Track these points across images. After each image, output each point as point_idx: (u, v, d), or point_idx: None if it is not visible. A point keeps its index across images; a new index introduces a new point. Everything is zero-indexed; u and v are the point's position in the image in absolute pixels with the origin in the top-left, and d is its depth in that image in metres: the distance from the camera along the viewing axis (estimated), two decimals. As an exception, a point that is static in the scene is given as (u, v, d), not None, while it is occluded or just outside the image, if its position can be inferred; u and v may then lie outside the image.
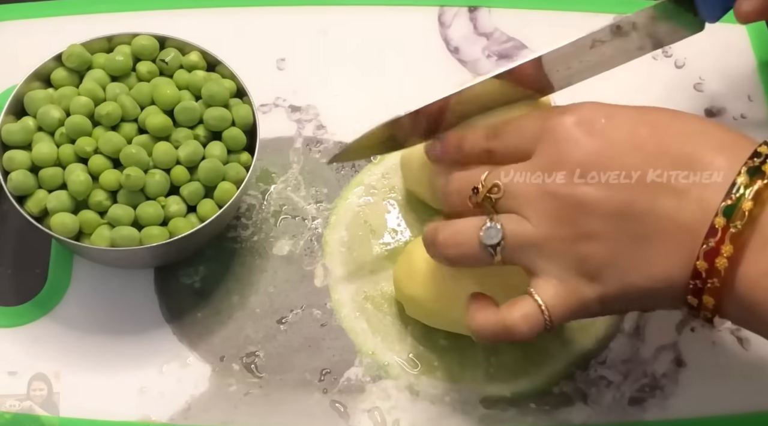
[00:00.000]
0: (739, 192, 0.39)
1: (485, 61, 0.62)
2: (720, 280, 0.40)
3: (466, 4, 0.63)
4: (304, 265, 0.55)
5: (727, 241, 0.39)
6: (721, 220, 0.39)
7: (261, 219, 0.56)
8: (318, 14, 0.63)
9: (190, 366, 0.52)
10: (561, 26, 0.63)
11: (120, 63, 0.53)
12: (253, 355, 0.53)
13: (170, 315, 0.54)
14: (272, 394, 0.52)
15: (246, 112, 0.53)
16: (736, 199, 0.39)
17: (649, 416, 0.52)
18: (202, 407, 0.51)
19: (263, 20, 0.62)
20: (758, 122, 0.60)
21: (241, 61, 0.54)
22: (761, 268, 0.39)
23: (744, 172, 0.40)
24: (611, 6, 0.63)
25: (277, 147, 0.58)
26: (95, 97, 0.51)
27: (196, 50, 0.54)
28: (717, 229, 0.39)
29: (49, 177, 0.50)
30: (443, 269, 0.48)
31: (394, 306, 0.54)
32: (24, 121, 0.51)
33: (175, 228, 0.50)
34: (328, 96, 0.58)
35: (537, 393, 0.51)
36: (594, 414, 0.52)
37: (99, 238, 0.49)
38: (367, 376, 0.52)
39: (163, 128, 0.51)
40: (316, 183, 0.57)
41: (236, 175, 0.52)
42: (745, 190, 0.39)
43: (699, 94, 0.61)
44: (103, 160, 0.50)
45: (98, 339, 0.53)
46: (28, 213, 0.50)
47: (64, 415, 0.51)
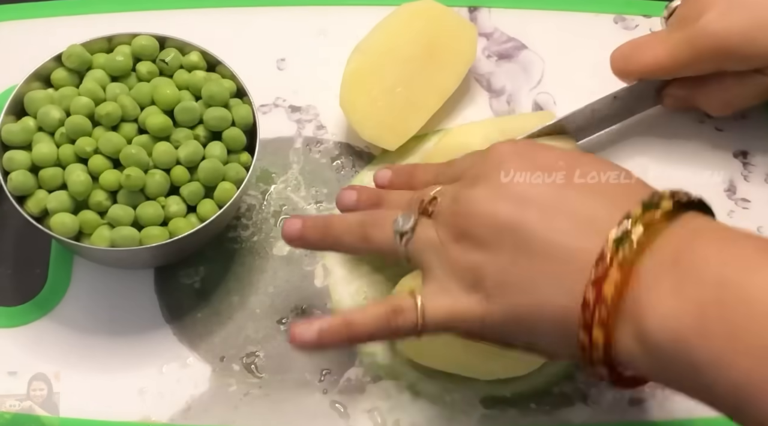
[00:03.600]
0: (629, 221, 0.39)
1: (485, 61, 0.62)
2: (607, 308, 0.39)
3: (466, 4, 0.63)
4: (304, 266, 0.55)
5: (615, 266, 0.39)
6: (611, 246, 0.39)
7: (261, 219, 0.56)
8: (318, 14, 0.63)
9: (190, 366, 0.52)
10: (561, 26, 0.63)
11: (120, 63, 0.53)
12: (253, 355, 0.53)
13: (170, 315, 0.54)
14: (272, 395, 0.52)
15: (246, 112, 0.53)
16: (627, 230, 0.39)
17: (649, 416, 0.52)
18: (202, 407, 0.51)
19: (263, 20, 0.62)
20: (758, 122, 0.60)
21: (241, 61, 0.54)
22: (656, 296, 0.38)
23: (638, 204, 0.40)
24: (611, 6, 0.63)
25: (277, 147, 0.58)
26: (95, 98, 0.51)
27: (196, 50, 0.54)
28: (605, 254, 0.39)
29: (49, 177, 0.50)
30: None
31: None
32: (24, 122, 0.51)
33: (175, 228, 0.50)
34: (328, 96, 0.58)
35: (537, 393, 0.51)
36: (594, 414, 0.52)
37: (99, 239, 0.49)
38: (367, 377, 0.52)
39: (163, 128, 0.51)
40: (316, 183, 0.57)
41: (236, 175, 0.52)
42: (637, 221, 0.39)
43: (699, 94, 0.61)
44: (103, 160, 0.50)
45: (98, 339, 0.53)
46: (28, 213, 0.50)
47: (64, 415, 0.51)
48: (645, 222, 0.39)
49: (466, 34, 0.59)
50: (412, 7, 0.58)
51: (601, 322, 0.39)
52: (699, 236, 0.39)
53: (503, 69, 0.61)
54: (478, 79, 0.61)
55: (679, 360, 0.38)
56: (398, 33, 0.58)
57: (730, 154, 0.59)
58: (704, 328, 0.37)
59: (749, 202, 0.58)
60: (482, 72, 0.61)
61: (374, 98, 0.56)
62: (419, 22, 0.58)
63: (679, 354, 0.37)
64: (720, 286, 0.37)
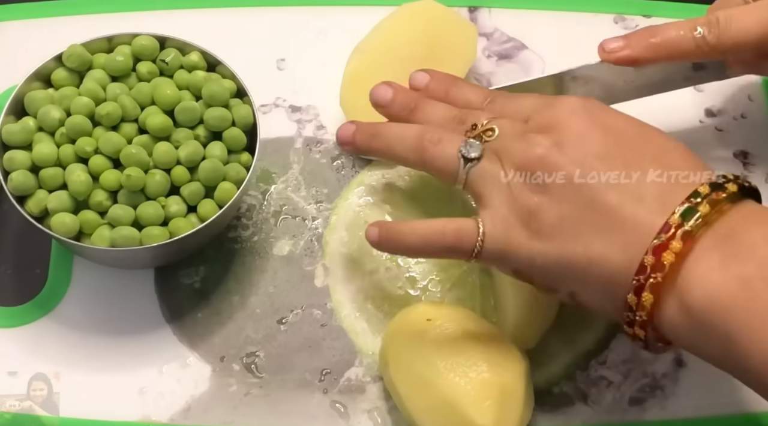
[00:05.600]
0: (698, 198, 0.42)
1: (485, 61, 0.62)
2: (663, 275, 0.41)
3: (466, 4, 0.63)
4: (305, 266, 0.55)
5: (678, 237, 0.41)
6: (677, 219, 0.41)
7: (261, 219, 0.56)
8: (318, 14, 0.63)
9: (190, 366, 0.52)
10: (561, 26, 0.63)
11: (120, 63, 0.53)
12: (254, 355, 0.53)
13: (170, 315, 0.54)
14: (272, 395, 0.52)
15: (246, 112, 0.53)
16: (695, 203, 0.42)
17: (649, 416, 0.52)
18: (202, 407, 0.51)
19: (263, 20, 0.62)
20: (758, 122, 0.60)
21: (241, 61, 0.54)
22: (704, 267, 0.41)
23: (707, 184, 0.42)
24: (611, 6, 0.63)
25: (277, 147, 0.58)
26: (95, 98, 0.51)
27: (196, 50, 0.54)
28: (670, 225, 0.41)
29: (49, 177, 0.50)
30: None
31: (395, 307, 0.54)
32: (24, 122, 0.51)
33: (175, 228, 0.50)
34: (328, 96, 0.58)
35: (537, 393, 0.51)
36: (594, 414, 0.52)
37: (99, 239, 0.49)
38: (367, 377, 0.52)
39: (163, 128, 0.51)
40: (317, 183, 0.57)
41: (236, 175, 0.52)
42: (704, 198, 0.42)
43: (699, 94, 0.61)
44: (103, 160, 0.50)
45: (98, 339, 0.53)
46: (28, 213, 0.50)
47: (64, 415, 0.51)
48: (711, 200, 0.42)
49: (466, 34, 0.59)
50: (412, 7, 0.58)
51: (654, 287, 0.41)
52: (754, 218, 0.42)
53: (503, 69, 0.61)
54: (479, 79, 0.61)
55: (717, 328, 0.40)
56: (398, 33, 0.58)
57: (730, 154, 0.59)
58: (745, 300, 0.39)
59: (749, 202, 0.58)
60: (482, 72, 0.61)
61: (374, 98, 0.56)
62: (419, 22, 0.58)
63: (717, 322, 0.40)
64: (765, 265, 0.40)
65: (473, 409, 0.46)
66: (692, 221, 0.41)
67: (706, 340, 0.41)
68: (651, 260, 0.41)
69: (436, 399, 0.47)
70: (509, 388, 0.47)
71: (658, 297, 0.41)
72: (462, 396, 0.47)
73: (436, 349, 0.48)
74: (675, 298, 0.41)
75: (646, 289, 0.41)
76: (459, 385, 0.47)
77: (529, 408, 0.49)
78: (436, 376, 0.48)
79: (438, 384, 0.47)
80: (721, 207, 0.42)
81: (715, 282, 0.40)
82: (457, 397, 0.47)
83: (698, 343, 0.42)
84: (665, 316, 0.42)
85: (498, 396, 0.47)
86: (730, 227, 0.41)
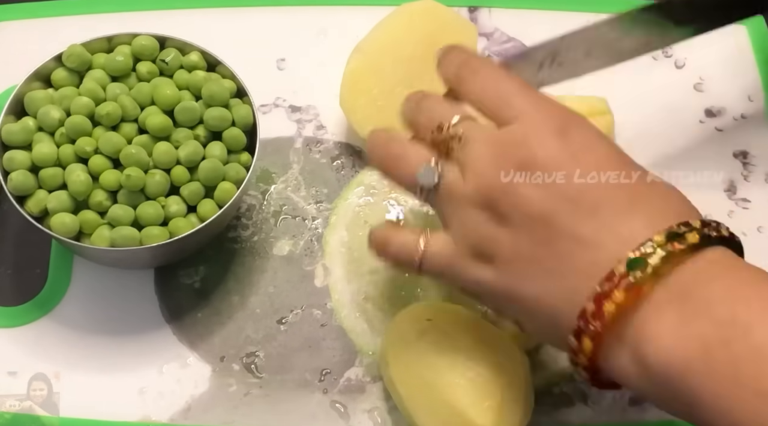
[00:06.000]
0: (649, 249, 0.39)
1: (485, 61, 0.61)
2: (603, 324, 0.39)
3: (466, 4, 0.63)
4: (304, 265, 0.55)
5: (621, 288, 0.39)
6: (622, 269, 0.39)
7: (261, 219, 0.56)
8: (318, 14, 0.63)
9: (190, 366, 0.52)
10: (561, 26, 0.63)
11: (120, 63, 0.53)
12: (253, 355, 0.53)
13: (170, 315, 0.54)
14: (272, 395, 0.52)
15: (246, 112, 0.53)
16: (645, 254, 0.39)
17: (649, 416, 0.52)
18: (202, 407, 0.51)
19: (263, 20, 0.62)
20: (758, 122, 0.60)
21: (241, 61, 0.54)
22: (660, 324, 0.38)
23: (663, 233, 0.39)
24: (611, 6, 0.63)
25: (277, 147, 0.58)
26: (95, 98, 0.51)
27: (196, 50, 0.54)
28: (614, 275, 0.39)
29: (49, 177, 0.50)
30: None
31: (395, 307, 0.54)
32: (24, 122, 0.51)
33: (175, 228, 0.50)
34: (328, 96, 0.58)
35: (537, 393, 0.51)
36: (594, 414, 0.52)
37: (99, 239, 0.49)
38: (367, 377, 0.53)
39: (163, 128, 0.51)
40: (317, 183, 0.58)
41: (236, 175, 0.52)
42: (656, 248, 0.39)
43: (699, 94, 0.61)
44: (103, 160, 0.50)
45: (98, 339, 0.53)
46: (28, 213, 0.50)
47: (64, 415, 0.51)
48: (665, 252, 0.39)
49: (466, 34, 0.59)
50: (412, 7, 0.58)
51: (594, 335, 0.39)
52: (714, 271, 0.39)
53: (503, 69, 0.61)
54: (478, 79, 0.61)
55: (680, 392, 0.38)
56: (398, 33, 0.58)
57: (730, 154, 0.59)
58: (708, 366, 0.37)
59: (749, 202, 0.58)
60: (482, 72, 0.61)
61: (374, 98, 0.56)
62: (419, 22, 0.58)
63: (680, 386, 0.38)
64: (728, 326, 0.37)
65: (473, 410, 0.46)
66: (638, 273, 0.38)
67: (669, 398, 0.39)
68: (591, 307, 0.39)
69: (436, 399, 0.47)
70: (509, 389, 0.47)
71: (599, 345, 0.39)
72: (462, 396, 0.47)
73: (436, 349, 0.48)
74: (626, 350, 0.39)
75: (585, 334, 0.39)
76: (459, 385, 0.47)
77: (529, 408, 0.49)
78: (436, 376, 0.48)
79: (438, 384, 0.47)
80: (676, 258, 0.39)
81: (675, 343, 0.38)
82: (457, 398, 0.47)
83: (662, 400, 0.40)
84: (615, 365, 0.40)
85: (498, 396, 0.47)
86: (690, 280, 0.39)
